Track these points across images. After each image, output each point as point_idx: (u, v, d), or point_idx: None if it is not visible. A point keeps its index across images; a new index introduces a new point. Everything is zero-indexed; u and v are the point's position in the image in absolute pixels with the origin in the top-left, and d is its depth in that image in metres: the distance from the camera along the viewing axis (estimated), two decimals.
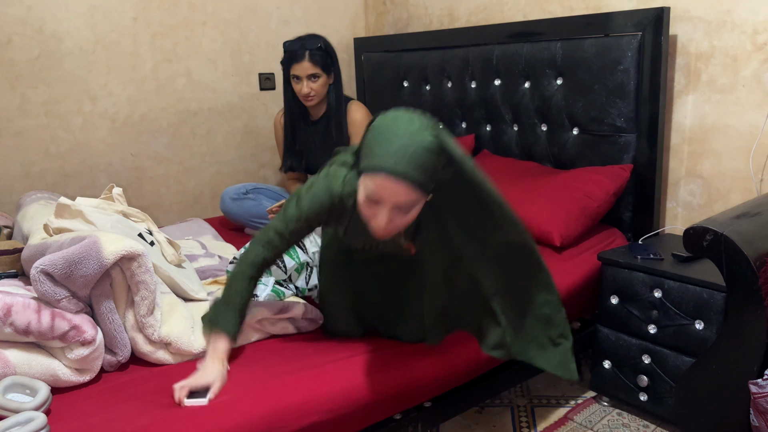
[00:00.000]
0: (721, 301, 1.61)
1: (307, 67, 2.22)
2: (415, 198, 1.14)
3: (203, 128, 2.81)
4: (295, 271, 1.65)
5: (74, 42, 2.42)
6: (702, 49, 2.04)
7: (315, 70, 2.23)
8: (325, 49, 2.25)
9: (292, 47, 2.26)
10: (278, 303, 1.49)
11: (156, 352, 1.38)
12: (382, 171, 1.11)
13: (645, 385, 1.81)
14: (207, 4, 2.71)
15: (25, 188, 2.39)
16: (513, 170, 2.32)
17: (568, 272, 1.89)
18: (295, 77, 2.27)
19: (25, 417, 1.11)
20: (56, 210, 1.59)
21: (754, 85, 1.94)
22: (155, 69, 2.63)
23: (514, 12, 2.57)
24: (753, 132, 1.96)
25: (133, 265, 1.34)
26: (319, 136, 2.41)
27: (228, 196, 2.43)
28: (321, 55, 2.23)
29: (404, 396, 1.44)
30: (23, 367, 1.24)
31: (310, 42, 2.23)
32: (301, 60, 2.22)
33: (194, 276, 1.70)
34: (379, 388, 1.37)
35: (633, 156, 2.12)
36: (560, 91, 2.27)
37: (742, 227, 1.39)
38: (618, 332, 1.88)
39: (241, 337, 1.45)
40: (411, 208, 1.16)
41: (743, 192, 2.01)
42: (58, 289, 1.27)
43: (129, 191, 2.63)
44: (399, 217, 1.17)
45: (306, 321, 1.53)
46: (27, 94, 2.35)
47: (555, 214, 2.01)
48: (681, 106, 2.12)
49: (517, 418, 1.93)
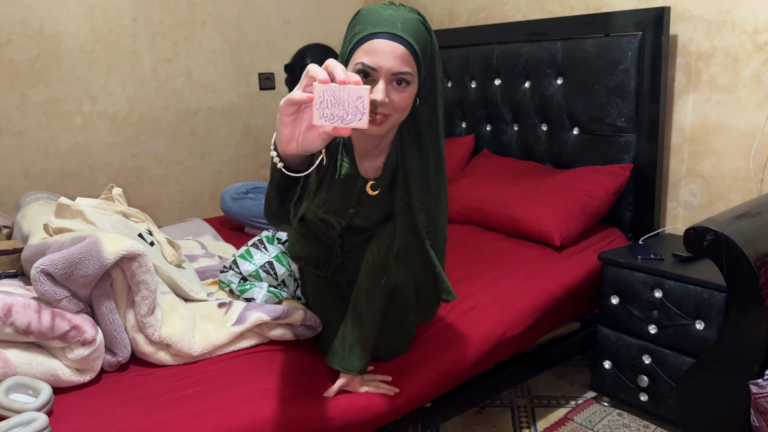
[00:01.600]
0: (721, 301, 1.61)
1: None
2: (410, 69, 1.10)
3: (203, 128, 2.81)
4: (288, 276, 1.64)
5: (74, 42, 2.41)
6: (702, 48, 2.04)
7: None
8: None
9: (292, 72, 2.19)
10: (278, 307, 1.47)
11: (157, 353, 1.37)
12: (378, 34, 1.08)
13: (645, 386, 1.81)
14: (207, 4, 2.71)
15: (25, 188, 2.39)
16: (513, 170, 2.32)
17: (568, 272, 1.89)
18: None
19: (28, 417, 1.11)
20: (56, 210, 1.59)
21: (755, 85, 1.94)
22: (155, 69, 2.62)
23: (515, 12, 2.57)
24: (753, 132, 1.96)
25: (134, 265, 1.33)
26: None
27: (228, 195, 2.42)
28: None
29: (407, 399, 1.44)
30: (23, 367, 1.23)
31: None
32: None
33: (194, 276, 1.70)
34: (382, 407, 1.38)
35: (633, 156, 2.12)
36: (560, 90, 2.27)
37: (743, 227, 1.39)
38: (618, 332, 1.88)
39: (239, 341, 1.45)
40: (406, 83, 1.11)
41: (744, 192, 2.01)
42: (58, 289, 1.27)
43: (129, 191, 2.63)
44: (394, 93, 1.11)
45: (304, 328, 1.51)
46: (26, 94, 2.34)
47: (555, 214, 2.01)
48: (681, 106, 2.12)
49: (517, 419, 1.93)
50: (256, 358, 1.43)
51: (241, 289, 1.59)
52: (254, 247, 1.67)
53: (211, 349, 1.40)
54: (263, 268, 1.61)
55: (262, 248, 1.66)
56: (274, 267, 1.62)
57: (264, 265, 1.62)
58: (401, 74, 1.10)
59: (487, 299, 1.72)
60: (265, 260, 1.63)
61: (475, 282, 1.81)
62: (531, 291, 1.78)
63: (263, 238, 1.69)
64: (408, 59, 1.10)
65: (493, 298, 1.72)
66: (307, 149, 0.90)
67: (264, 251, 1.65)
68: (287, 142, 0.91)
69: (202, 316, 1.48)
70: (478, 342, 1.58)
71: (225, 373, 1.35)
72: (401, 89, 1.11)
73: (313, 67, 0.86)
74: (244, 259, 1.64)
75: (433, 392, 1.49)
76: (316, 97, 0.82)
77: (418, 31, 1.12)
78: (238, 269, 1.62)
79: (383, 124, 1.14)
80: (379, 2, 1.14)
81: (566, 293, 1.84)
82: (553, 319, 1.84)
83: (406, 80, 1.11)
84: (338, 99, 0.82)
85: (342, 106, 0.82)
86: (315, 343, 1.54)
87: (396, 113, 1.14)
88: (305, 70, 0.86)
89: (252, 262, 1.62)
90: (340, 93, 0.82)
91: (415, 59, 1.11)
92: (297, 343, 1.51)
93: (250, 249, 1.66)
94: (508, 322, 1.66)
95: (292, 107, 0.87)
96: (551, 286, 1.81)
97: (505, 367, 1.80)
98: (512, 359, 1.84)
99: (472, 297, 1.72)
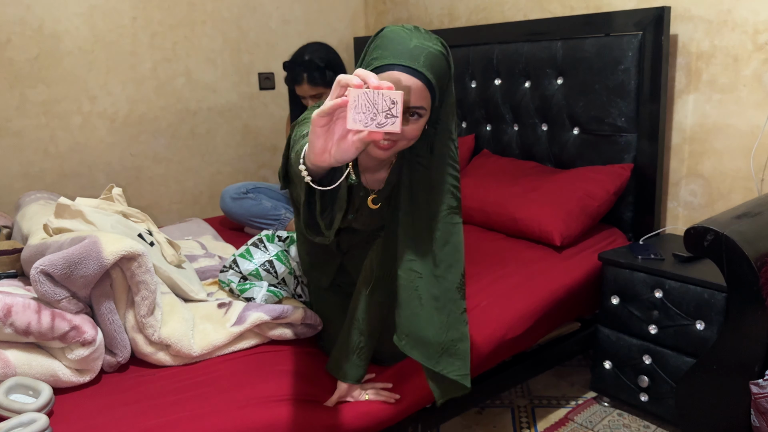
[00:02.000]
0: (721, 301, 1.61)
1: (306, 89, 2.20)
2: (425, 104, 1.12)
3: (203, 128, 2.80)
4: (288, 274, 1.64)
5: (73, 41, 2.41)
6: (703, 48, 2.04)
7: (315, 91, 2.21)
8: (324, 66, 2.19)
9: (291, 69, 2.21)
10: (278, 307, 1.47)
11: (156, 354, 1.37)
12: (398, 66, 1.08)
13: (646, 386, 1.81)
14: (206, 4, 2.71)
15: (25, 188, 2.39)
16: (513, 170, 2.32)
17: (568, 272, 1.89)
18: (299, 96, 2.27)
19: (28, 418, 1.10)
20: (56, 210, 1.59)
21: (755, 85, 1.94)
22: (154, 68, 2.62)
23: (515, 11, 2.57)
24: (754, 131, 1.96)
25: (133, 265, 1.33)
26: None
27: (228, 195, 2.42)
28: (320, 75, 2.18)
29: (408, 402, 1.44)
30: (23, 368, 1.23)
31: (307, 62, 2.17)
32: (300, 83, 2.20)
33: (194, 276, 1.69)
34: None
35: (634, 156, 2.12)
36: (561, 90, 2.26)
37: (743, 227, 1.39)
38: (619, 332, 1.87)
39: (239, 342, 1.45)
40: (418, 116, 1.13)
41: (744, 192, 2.01)
42: (58, 290, 1.26)
43: (128, 191, 2.63)
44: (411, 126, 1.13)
45: (304, 326, 1.51)
46: (26, 94, 2.34)
47: (555, 214, 2.01)
48: (682, 106, 2.12)
49: (517, 419, 1.92)
50: (256, 359, 1.42)
51: (240, 289, 1.59)
52: (254, 246, 1.67)
53: (210, 350, 1.40)
54: (263, 267, 1.61)
55: (262, 247, 1.66)
56: (275, 265, 1.62)
57: (264, 264, 1.62)
58: (416, 108, 1.11)
59: (487, 300, 1.71)
60: (265, 259, 1.63)
61: (476, 283, 1.81)
62: (531, 292, 1.77)
63: (263, 237, 1.69)
64: (425, 94, 1.11)
65: (494, 300, 1.72)
66: (341, 159, 0.91)
67: (264, 250, 1.65)
68: (321, 154, 0.91)
69: (201, 317, 1.48)
70: (479, 344, 1.57)
71: (225, 374, 1.35)
72: (413, 121, 1.13)
73: (343, 76, 0.86)
74: (244, 259, 1.64)
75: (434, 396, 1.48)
76: (351, 102, 0.83)
77: (440, 66, 1.13)
78: (238, 268, 1.62)
79: (389, 150, 1.15)
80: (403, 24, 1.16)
81: (567, 294, 1.84)
82: (553, 320, 1.83)
83: (419, 113, 1.13)
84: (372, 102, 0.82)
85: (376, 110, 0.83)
86: (316, 341, 1.54)
87: (404, 141, 1.16)
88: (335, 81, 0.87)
89: (252, 261, 1.62)
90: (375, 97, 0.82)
91: (431, 93, 1.12)
92: (297, 342, 1.51)
93: (249, 248, 1.66)
94: (509, 323, 1.66)
95: (324, 118, 0.88)
96: (552, 287, 1.81)
97: (505, 367, 1.80)
98: (512, 359, 1.84)
99: (473, 298, 1.72)
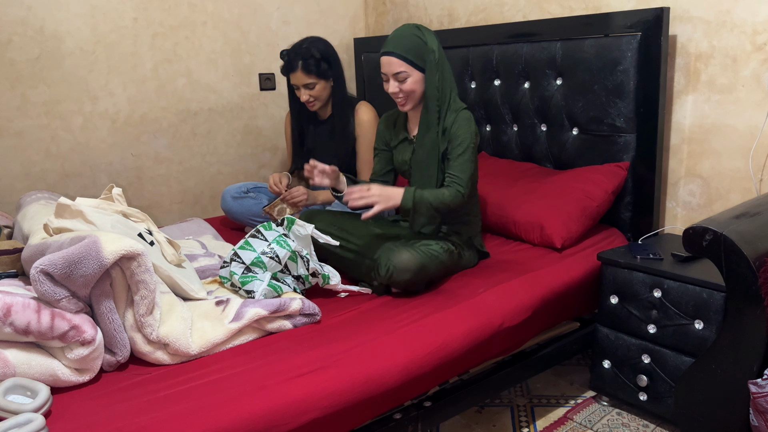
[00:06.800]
0: (720, 301, 1.62)
1: (300, 77, 2.22)
2: (406, 68, 1.76)
3: (203, 128, 2.81)
4: (289, 259, 1.66)
5: (74, 42, 2.42)
6: (701, 49, 2.04)
7: (309, 80, 2.22)
8: (320, 56, 2.22)
9: (286, 57, 2.24)
10: (275, 301, 1.49)
11: (155, 352, 1.38)
12: (384, 52, 1.79)
13: (645, 385, 1.81)
14: (207, 5, 2.71)
15: (26, 188, 2.40)
16: (511, 172, 2.32)
17: (567, 271, 1.89)
18: (293, 85, 2.28)
19: (24, 418, 1.10)
20: (56, 210, 1.59)
21: (754, 85, 1.94)
22: (155, 69, 2.63)
23: (514, 12, 2.57)
24: (752, 132, 1.96)
25: (133, 265, 1.34)
26: (326, 135, 2.42)
27: (229, 194, 2.43)
28: (314, 64, 2.21)
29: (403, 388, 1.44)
30: (23, 367, 1.24)
31: (304, 50, 2.20)
32: (294, 71, 2.22)
33: (194, 276, 1.70)
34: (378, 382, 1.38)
35: (633, 156, 2.12)
36: (560, 91, 2.27)
37: (742, 227, 1.39)
38: (617, 332, 1.88)
39: (237, 337, 1.46)
40: (406, 78, 1.78)
41: (743, 192, 2.01)
42: (57, 289, 1.27)
43: (129, 191, 2.64)
44: (402, 85, 1.78)
45: (303, 317, 1.53)
46: (27, 94, 2.35)
47: (555, 217, 2.01)
48: (680, 106, 2.12)
49: (516, 418, 1.93)
50: (254, 353, 1.43)
51: (242, 281, 1.60)
52: (252, 238, 1.69)
53: (209, 347, 1.41)
54: (264, 254, 1.63)
55: (260, 237, 1.69)
56: (275, 250, 1.64)
57: (264, 251, 1.64)
58: (398, 73, 1.79)
59: (485, 289, 1.73)
60: (265, 245, 1.64)
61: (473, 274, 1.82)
62: (530, 284, 1.79)
63: (260, 227, 1.72)
64: (400, 63, 1.77)
65: (492, 288, 1.74)
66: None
67: (262, 239, 1.67)
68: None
69: (199, 315, 1.48)
70: (475, 328, 1.59)
71: (223, 369, 1.35)
72: (403, 81, 1.80)
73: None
74: (244, 250, 1.65)
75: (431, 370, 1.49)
76: None
77: (411, 41, 1.76)
78: (240, 260, 1.64)
79: (405, 105, 1.85)
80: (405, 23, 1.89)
81: (565, 291, 1.85)
82: (551, 316, 1.84)
83: (403, 76, 1.79)
84: None
85: None
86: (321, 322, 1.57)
87: (409, 94, 1.82)
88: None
89: (252, 250, 1.64)
90: None
91: (407, 61, 1.76)
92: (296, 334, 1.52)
93: (248, 240, 1.68)
94: (505, 312, 1.67)
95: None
96: (550, 283, 1.82)
97: (504, 366, 1.81)
98: (511, 358, 1.84)
99: (470, 285, 1.74)
